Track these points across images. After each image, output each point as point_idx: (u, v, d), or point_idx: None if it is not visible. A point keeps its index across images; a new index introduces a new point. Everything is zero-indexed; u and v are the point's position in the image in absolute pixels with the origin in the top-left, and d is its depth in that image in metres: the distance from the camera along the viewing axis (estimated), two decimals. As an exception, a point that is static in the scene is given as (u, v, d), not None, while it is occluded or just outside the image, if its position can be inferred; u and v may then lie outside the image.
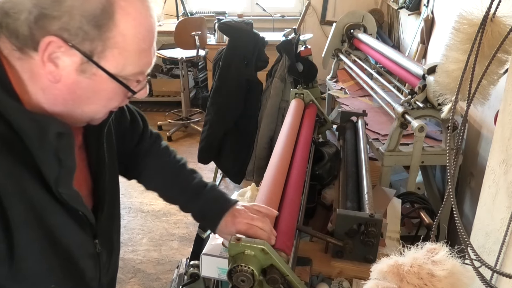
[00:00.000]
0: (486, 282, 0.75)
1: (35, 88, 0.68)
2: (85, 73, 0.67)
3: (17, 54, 0.66)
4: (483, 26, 0.81)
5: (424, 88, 1.81)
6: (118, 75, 0.69)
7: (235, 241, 0.86)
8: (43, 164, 0.68)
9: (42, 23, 0.62)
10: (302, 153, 1.34)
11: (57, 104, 0.69)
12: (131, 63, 0.69)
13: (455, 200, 0.81)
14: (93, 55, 0.66)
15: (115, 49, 0.66)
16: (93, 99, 0.70)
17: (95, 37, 0.64)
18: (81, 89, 0.68)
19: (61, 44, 0.63)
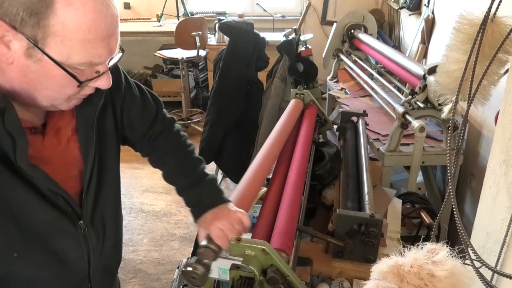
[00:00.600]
0: (487, 282, 0.75)
1: None
2: (31, 57, 0.69)
3: None
4: (484, 26, 0.81)
5: (424, 88, 1.81)
6: (64, 63, 0.71)
7: (235, 242, 0.86)
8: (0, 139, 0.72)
9: None
10: (303, 153, 1.34)
11: (15, 85, 0.72)
12: (76, 52, 0.70)
13: (456, 201, 0.80)
14: (37, 42, 0.68)
15: (56, 37, 0.68)
16: (45, 84, 0.73)
17: (33, 24, 0.66)
18: (31, 73, 0.71)
19: (8, 28, 0.66)
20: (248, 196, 1.05)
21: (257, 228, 1.01)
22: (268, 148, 1.27)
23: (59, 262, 0.86)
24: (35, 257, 0.82)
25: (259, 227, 1.01)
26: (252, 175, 1.11)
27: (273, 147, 1.28)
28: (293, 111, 1.60)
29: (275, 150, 1.29)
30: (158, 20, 4.69)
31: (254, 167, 1.15)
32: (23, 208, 0.77)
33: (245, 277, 0.88)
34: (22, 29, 0.66)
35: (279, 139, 1.34)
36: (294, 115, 1.58)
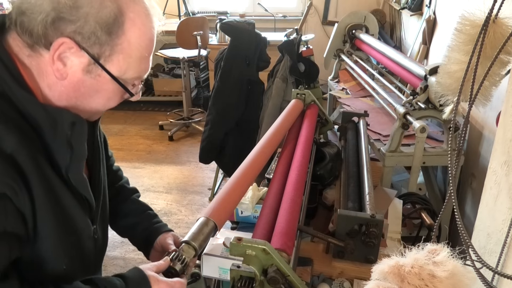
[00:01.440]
0: (487, 283, 0.75)
1: (43, 84, 0.73)
2: (90, 73, 0.73)
3: (27, 51, 0.71)
4: (485, 27, 0.81)
5: (426, 89, 1.81)
6: (120, 78, 0.75)
7: (236, 241, 0.86)
8: (55, 151, 0.74)
9: (58, 25, 0.68)
10: (303, 153, 1.34)
11: (62, 99, 0.74)
12: (132, 68, 0.76)
13: (457, 201, 0.80)
14: (100, 58, 0.72)
15: (121, 54, 0.73)
16: (94, 97, 0.76)
17: (104, 42, 0.71)
18: (84, 87, 0.74)
19: (73, 45, 0.69)
20: (234, 194, 1.05)
21: (257, 228, 1.01)
22: (259, 148, 1.26)
23: (84, 267, 0.88)
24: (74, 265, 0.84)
25: (259, 227, 1.02)
26: (240, 174, 1.11)
27: (264, 148, 1.27)
28: (292, 111, 1.60)
29: (267, 150, 1.28)
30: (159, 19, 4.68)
31: (243, 166, 1.14)
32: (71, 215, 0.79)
33: (246, 277, 0.88)
34: (88, 47, 0.70)
35: (273, 139, 1.33)
36: (292, 115, 1.58)
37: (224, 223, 1.02)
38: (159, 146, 4.08)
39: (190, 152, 3.94)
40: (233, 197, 1.05)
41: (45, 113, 0.71)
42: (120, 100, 0.81)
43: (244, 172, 1.13)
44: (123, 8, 0.71)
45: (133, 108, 4.99)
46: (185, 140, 4.29)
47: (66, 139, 0.74)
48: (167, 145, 4.11)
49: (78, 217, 0.81)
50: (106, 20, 0.69)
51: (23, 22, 0.69)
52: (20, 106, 0.70)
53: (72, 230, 0.80)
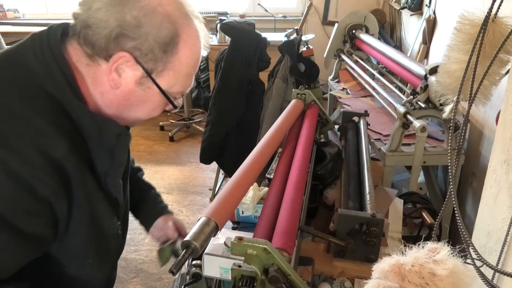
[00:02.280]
0: (488, 281, 0.75)
1: (95, 91, 0.79)
2: (141, 85, 0.79)
3: (86, 61, 0.77)
4: (485, 27, 0.81)
5: (426, 88, 1.81)
6: (167, 91, 0.81)
7: (237, 241, 0.86)
8: (97, 158, 0.80)
9: (120, 41, 0.74)
10: (304, 153, 1.34)
11: (112, 107, 0.81)
12: (179, 83, 0.83)
13: (457, 200, 0.81)
14: (152, 73, 0.78)
15: (171, 71, 0.79)
16: (141, 107, 0.83)
17: (159, 59, 0.77)
18: (134, 98, 0.81)
19: (130, 59, 0.75)
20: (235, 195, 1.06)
21: (258, 228, 1.01)
22: (260, 148, 1.26)
23: (107, 261, 0.96)
24: (99, 261, 0.90)
25: (260, 226, 1.02)
26: (241, 175, 1.12)
27: (265, 148, 1.27)
28: (292, 111, 1.60)
29: (268, 150, 1.28)
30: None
31: (244, 166, 1.15)
32: (102, 216, 0.85)
33: (247, 276, 0.89)
34: (144, 62, 0.76)
35: (273, 139, 1.34)
36: (292, 115, 1.58)
37: (225, 223, 1.03)
38: (159, 147, 4.09)
39: (191, 153, 3.94)
40: (234, 197, 1.06)
41: (94, 123, 0.77)
42: (161, 111, 0.88)
43: (245, 172, 1.14)
44: (179, 29, 0.77)
45: (133, 109, 4.99)
46: (185, 140, 4.29)
47: (110, 148, 0.81)
48: (168, 146, 4.11)
49: (107, 217, 0.88)
50: (164, 39, 0.75)
51: (87, 35, 0.74)
52: (73, 115, 0.75)
53: (101, 229, 0.85)
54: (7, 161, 0.65)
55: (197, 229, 0.91)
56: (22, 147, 0.67)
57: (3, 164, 0.65)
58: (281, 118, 1.49)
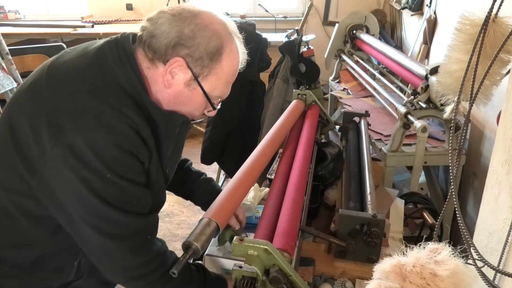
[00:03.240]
0: (489, 282, 0.75)
1: (153, 89, 0.95)
2: (189, 86, 0.94)
3: (147, 64, 0.93)
4: (485, 27, 0.81)
5: (426, 88, 1.81)
6: (209, 94, 0.96)
7: (238, 242, 0.86)
8: (163, 144, 0.98)
9: (176, 48, 0.90)
10: (305, 153, 1.34)
11: (164, 103, 0.96)
12: (219, 89, 0.98)
13: (458, 201, 0.81)
14: (199, 77, 0.93)
15: (214, 76, 0.95)
16: (186, 106, 0.98)
17: (206, 65, 0.92)
18: (182, 97, 0.95)
19: (183, 64, 0.91)
20: (236, 195, 1.07)
21: (259, 228, 1.01)
22: (261, 149, 1.27)
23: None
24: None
25: (261, 227, 1.02)
26: (242, 176, 1.14)
27: (265, 149, 1.29)
28: (293, 111, 1.60)
29: (269, 151, 1.29)
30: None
31: (244, 167, 1.17)
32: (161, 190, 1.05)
33: (248, 277, 0.89)
34: (193, 67, 0.92)
35: (274, 140, 1.35)
36: (293, 115, 1.58)
37: (226, 224, 1.03)
38: (160, 148, 4.09)
39: (192, 153, 3.94)
40: (235, 198, 1.06)
41: (162, 115, 0.94)
42: (202, 113, 1.03)
43: (245, 173, 1.14)
44: (224, 44, 0.93)
45: (134, 109, 4.99)
46: (186, 141, 4.25)
47: (175, 134, 1.01)
48: (169, 147, 4.12)
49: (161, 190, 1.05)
50: (212, 50, 0.91)
51: (151, 43, 0.91)
52: (146, 109, 0.92)
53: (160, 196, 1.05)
54: (118, 141, 0.85)
55: (198, 230, 0.92)
56: (126, 131, 0.86)
57: (117, 144, 0.85)
58: (281, 119, 1.49)
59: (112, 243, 0.89)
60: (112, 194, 0.87)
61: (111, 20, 4.75)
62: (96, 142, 0.83)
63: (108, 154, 0.84)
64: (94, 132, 0.84)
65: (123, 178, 0.87)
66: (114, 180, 0.86)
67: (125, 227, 0.90)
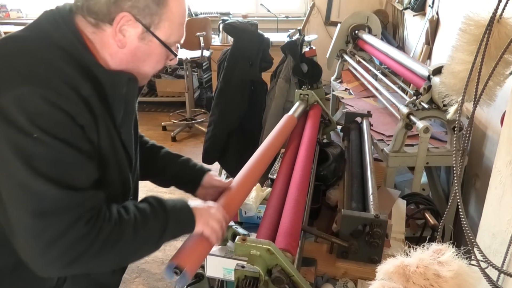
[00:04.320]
0: (493, 283, 0.75)
1: (105, 53, 0.90)
2: (144, 40, 0.89)
3: (91, 29, 0.88)
4: (490, 27, 0.81)
5: (429, 89, 1.81)
6: (166, 42, 0.92)
7: (240, 241, 0.86)
8: (113, 106, 0.90)
9: (119, 3, 0.85)
10: (307, 153, 1.34)
11: (122, 65, 0.91)
12: (175, 33, 0.93)
13: (462, 201, 0.80)
14: (150, 26, 0.88)
15: (166, 21, 0.89)
16: (147, 61, 0.93)
17: (155, 12, 0.87)
18: (140, 53, 0.91)
19: (130, 18, 0.86)
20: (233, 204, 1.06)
21: (261, 228, 1.01)
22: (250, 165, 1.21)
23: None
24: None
25: (263, 227, 1.02)
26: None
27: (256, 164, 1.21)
28: (284, 128, 1.45)
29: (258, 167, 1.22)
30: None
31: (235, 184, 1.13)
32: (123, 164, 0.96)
33: (250, 277, 0.89)
34: (142, 18, 0.87)
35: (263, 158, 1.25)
36: (284, 132, 1.43)
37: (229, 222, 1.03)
38: (162, 147, 4.09)
39: (193, 153, 3.94)
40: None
41: (107, 74, 0.88)
42: (164, 63, 0.98)
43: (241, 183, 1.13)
44: None
45: (136, 109, 5.00)
46: (188, 140, 4.29)
47: (123, 94, 0.92)
48: (170, 146, 4.12)
49: (123, 168, 0.96)
50: None
51: (90, 6, 0.86)
52: (89, 69, 0.86)
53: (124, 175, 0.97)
54: (49, 96, 0.77)
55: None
56: (58, 85, 0.79)
57: (46, 99, 0.77)
58: (271, 137, 1.36)
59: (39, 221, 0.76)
60: (40, 158, 0.76)
61: (113, 19, 4.75)
62: (23, 98, 0.76)
63: (34, 109, 0.76)
64: (21, 86, 0.76)
65: (53, 138, 0.76)
66: (43, 140, 0.75)
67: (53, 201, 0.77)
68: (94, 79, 0.86)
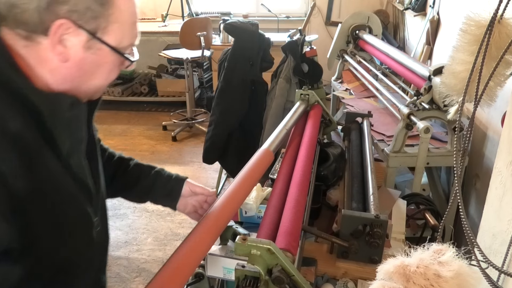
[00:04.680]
0: (493, 283, 0.75)
1: (43, 71, 0.73)
2: (91, 49, 0.74)
3: (23, 43, 0.71)
4: (491, 28, 0.81)
5: (430, 89, 1.81)
6: (118, 47, 0.77)
7: (241, 241, 0.86)
8: (56, 136, 0.74)
9: (53, 8, 0.69)
10: (307, 153, 1.34)
11: (66, 82, 0.75)
12: (127, 35, 0.78)
13: (462, 201, 0.80)
14: (97, 32, 0.73)
15: (115, 23, 0.75)
16: (97, 73, 0.78)
17: (99, 14, 0.72)
18: (87, 65, 0.75)
19: (70, 25, 0.70)
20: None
21: (262, 228, 1.01)
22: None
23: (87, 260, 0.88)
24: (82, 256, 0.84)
25: (264, 226, 1.02)
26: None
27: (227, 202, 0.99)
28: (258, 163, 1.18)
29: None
30: (163, 20, 4.71)
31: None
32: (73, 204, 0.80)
33: (250, 277, 0.89)
34: (84, 23, 0.72)
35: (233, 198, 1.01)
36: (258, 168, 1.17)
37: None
38: (162, 147, 4.09)
39: (194, 153, 3.94)
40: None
41: (43, 97, 0.72)
42: (119, 71, 0.83)
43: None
44: None
45: (136, 108, 5.01)
46: (188, 140, 4.29)
47: (66, 121, 0.76)
48: (171, 146, 4.12)
49: (78, 205, 0.81)
50: None
51: (16, 15, 0.69)
52: (20, 93, 0.70)
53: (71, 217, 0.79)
54: None
55: None
56: None
57: None
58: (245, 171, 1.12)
59: None
60: None
61: (114, 19, 4.75)
62: None
63: None
64: None
65: None
66: None
67: None
68: (29, 106, 0.70)
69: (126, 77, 5.05)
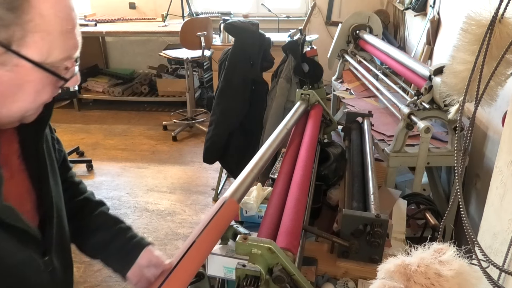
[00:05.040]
0: (494, 282, 0.75)
1: None
2: (5, 65, 0.60)
3: None
4: (492, 27, 0.81)
5: (430, 89, 1.81)
6: (44, 62, 0.62)
7: (241, 240, 0.86)
8: None
9: None
10: (308, 153, 1.34)
11: None
12: (57, 47, 0.63)
13: (463, 200, 0.80)
14: (11, 44, 0.59)
15: (36, 33, 0.60)
16: (19, 95, 0.63)
17: (11, 22, 0.57)
18: (3, 85, 0.61)
19: None
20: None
21: (262, 227, 1.01)
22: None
23: None
24: None
25: (264, 226, 1.02)
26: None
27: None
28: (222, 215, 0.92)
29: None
30: (163, 20, 4.71)
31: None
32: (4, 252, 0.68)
33: (251, 276, 0.89)
34: None
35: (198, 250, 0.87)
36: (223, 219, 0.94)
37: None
38: (162, 146, 4.09)
39: (194, 152, 3.94)
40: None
41: None
42: (55, 91, 0.68)
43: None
44: None
45: (136, 108, 5.01)
46: (188, 140, 4.29)
47: None
48: (171, 145, 4.12)
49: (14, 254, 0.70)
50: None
51: None
52: None
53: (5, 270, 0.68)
54: None
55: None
56: None
57: None
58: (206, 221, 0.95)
59: None
60: None
61: (114, 18, 4.76)
62: None
63: None
64: None
65: None
66: None
67: None
68: None
69: (126, 77, 5.06)
